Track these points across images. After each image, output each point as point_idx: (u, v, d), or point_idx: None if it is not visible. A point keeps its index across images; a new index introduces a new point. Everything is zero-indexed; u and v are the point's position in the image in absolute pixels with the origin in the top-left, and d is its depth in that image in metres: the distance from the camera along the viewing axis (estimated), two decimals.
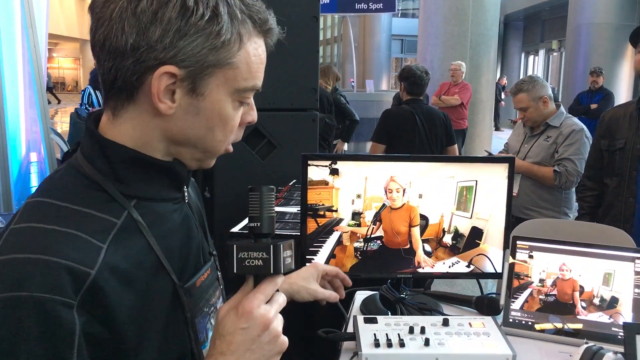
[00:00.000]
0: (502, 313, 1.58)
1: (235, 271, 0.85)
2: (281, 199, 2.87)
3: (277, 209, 2.67)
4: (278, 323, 0.86)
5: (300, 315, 2.31)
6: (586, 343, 1.30)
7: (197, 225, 1.00)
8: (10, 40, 3.69)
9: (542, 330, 1.52)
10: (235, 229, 2.45)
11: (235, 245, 0.85)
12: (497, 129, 16.35)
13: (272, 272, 0.85)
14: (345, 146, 6.82)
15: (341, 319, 1.61)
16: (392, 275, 1.67)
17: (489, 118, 9.16)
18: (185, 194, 0.97)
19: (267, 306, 0.85)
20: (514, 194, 3.44)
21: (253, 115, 0.94)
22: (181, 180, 0.93)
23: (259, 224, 0.87)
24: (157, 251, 0.86)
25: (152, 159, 0.87)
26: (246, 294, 0.85)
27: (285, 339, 0.88)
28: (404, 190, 1.60)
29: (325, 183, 1.58)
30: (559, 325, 1.51)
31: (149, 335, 0.83)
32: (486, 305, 1.65)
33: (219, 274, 1.05)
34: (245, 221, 2.52)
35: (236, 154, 3.41)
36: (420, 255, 1.64)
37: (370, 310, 1.66)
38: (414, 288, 1.80)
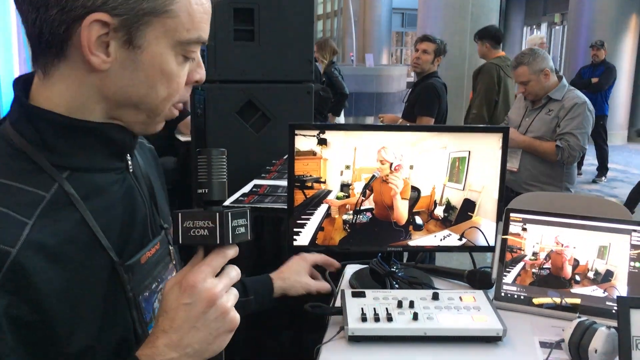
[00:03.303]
0: (494, 287, 1.54)
1: (180, 242, 0.79)
2: (275, 173, 2.83)
3: (271, 182, 2.63)
4: (228, 298, 0.79)
5: None
6: (579, 317, 1.26)
7: (145, 197, 0.94)
8: (6, 38, 3.63)
9: (541, 305, 1.48)
10: (226, 202, 2.41)
11: (180, 213, 0.79)
12: None
13: (218, 242, 0.78)
14: (342, 119, 6.77)
15: (330, 293, 1.58)
16: (382, 249, 1.63)
17: None
18: (129, 162, 0.90)
19: (214, 280, 0.78)
20: (515, 170, 3.41)
21: (201, 74, 0.87)
22: (122, 147, 0.86)
23: (206, 190, 0.81)
24: (93, 226, 0.79)
25: (84, 122, 0.80)
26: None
27: (236, 316, 0.80)
28: (390, 165, 1.55)
29: (313, 154, 1.54)
30: (557, 300, 1.47)
31: (84, 317, 0.78)
32: (478, 279, 1.61)
33: (170, 248, 0.98)
34: (235, 196, 2.48)
35: (229, 127, 3.37)
36: (398, 218, 1.60)
37: (360, 284, 1.62)
38: (406, 262, 1.75)
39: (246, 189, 2.56)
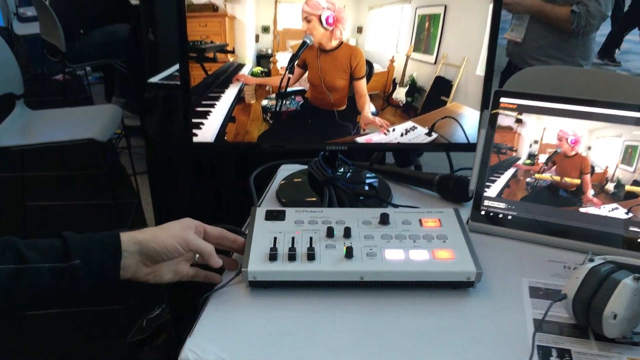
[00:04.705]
0: (472, 202, 1.11)
1: None
2: None
3: None
4: None
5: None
6: (590, 260, 0.83)
7: None
8: None
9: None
10: (154, 79, 1.96)
11: None
12: None
13: None
14: None
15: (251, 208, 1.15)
16: (318, 147, 1.17)
17: None
18: None
19: None
20: (519, 40, 2.88)
21: None
22: None
23: None
24: None
25: None
26: None
27: None
28: (334, 19, 1.06)
29: (214, 8, 1.04)
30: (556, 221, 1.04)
31: None
32: (452, 188, 1.18)
33: None
34: (168, 72, 2.05)
35: None
36: (367, 118, 1.14)
37: (291, 195, 1.20)
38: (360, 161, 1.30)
39: None
